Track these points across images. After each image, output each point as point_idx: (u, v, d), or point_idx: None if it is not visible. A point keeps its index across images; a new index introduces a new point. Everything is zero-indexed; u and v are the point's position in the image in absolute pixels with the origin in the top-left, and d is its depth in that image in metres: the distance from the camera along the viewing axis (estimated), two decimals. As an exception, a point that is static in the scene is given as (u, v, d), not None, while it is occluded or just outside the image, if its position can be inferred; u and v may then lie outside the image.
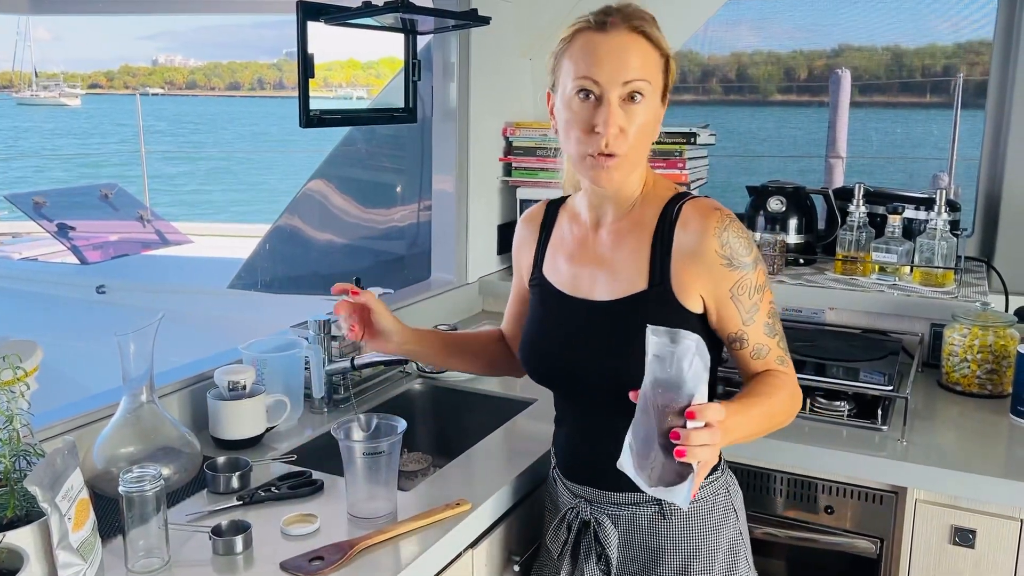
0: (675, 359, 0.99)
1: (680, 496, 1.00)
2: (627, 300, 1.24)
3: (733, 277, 1.20)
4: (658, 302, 1.22)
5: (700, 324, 1.24)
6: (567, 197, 1.40)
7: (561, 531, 1.35)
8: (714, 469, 1.32)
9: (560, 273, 1.33)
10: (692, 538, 1.28)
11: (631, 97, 1.17)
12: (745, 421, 1.15)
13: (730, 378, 1.66)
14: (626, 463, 1.02)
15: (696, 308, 1.23)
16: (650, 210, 1.26)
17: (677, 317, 1.22)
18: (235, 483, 1.40)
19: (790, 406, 1.25)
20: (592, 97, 1.18)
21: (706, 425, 0.98)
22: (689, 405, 0.99)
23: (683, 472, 1.00)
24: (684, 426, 0.98)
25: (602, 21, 1.18)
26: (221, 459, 1.45)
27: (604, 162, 1.19)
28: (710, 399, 1.04)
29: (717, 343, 1.28)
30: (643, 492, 1.17)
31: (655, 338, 1.00)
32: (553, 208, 1.40)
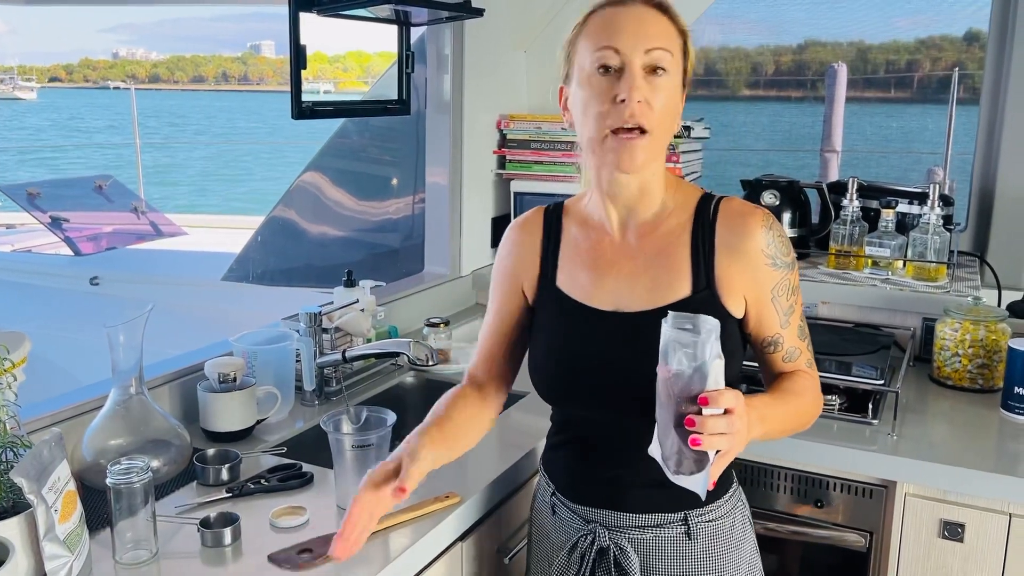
0: (697, 345, 0.95)
1: (699, 485, 0.98)
2: (668, 308, 1.09)
3: (775, 277, 1.16)
4: (704, 307, 1.12)
5: (739, 329, 1.19)
6: (562, 203, 1.29)
7: (572, 561, 1.23)
8: (732, 481, 1.26)
9: (580, 284, 1.21)
10: (716, 559, 1.21)
11: (654, 70, 1.10)
12: (778, 415, 1.13)
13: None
14: (655, 450, 1.00)
15: (739, 312, 1.17)
16: (680, 210, 1.19)
17: (723, 323, 1.08)
18: (224, 475, 1.40)
19: (814, 409, 1.21)
20: (613, 70, 1.10)
21: (725, 412, 0.95)
22: (703, 391, 0.95)
23: (701, 460, 0.97)
24: (699, 413, 0.95)
25: None
26: (211, 451, 1.45)
27: (628, 139, 1.09)
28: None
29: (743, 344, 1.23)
30: (668, 513, 1.18)
31: (674, 322, 0.97)
32: (553, 214, 1.28)
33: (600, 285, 1.20)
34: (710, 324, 0.96)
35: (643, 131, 1.09)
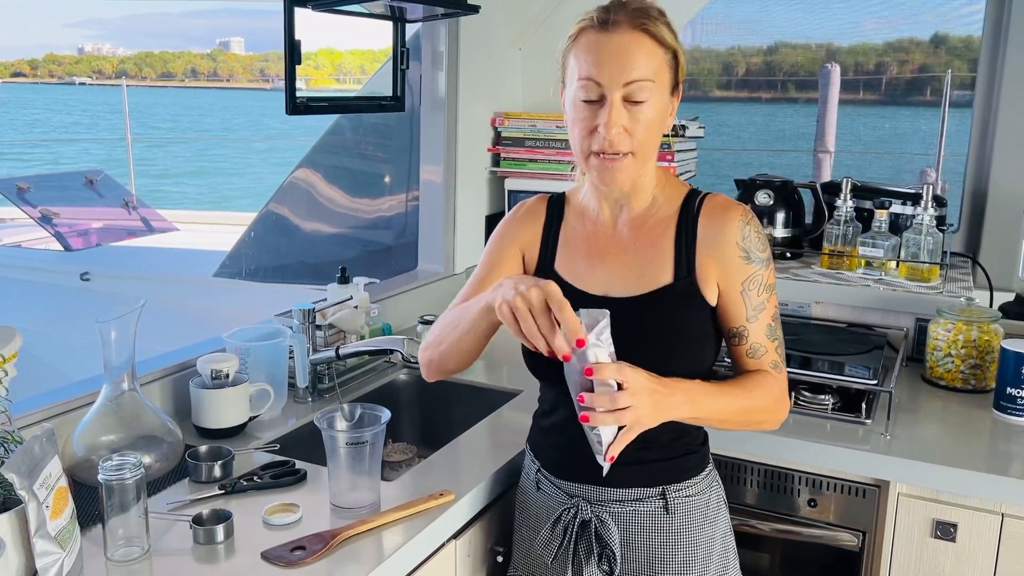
0: (593, 334, 1.04)
1: (599, 458, 1.09)
2: (652, 295, 1.24)
3: (747, 271, 1.22)
4: (682, 295, 1.23)
5: (712, 317, 1.25)
6: (564, 194, 1.36)
7: (556, 534, 1.29)
8: (708, 460, 1.33)
9: (575, 270, 1.29)
10: (692, 533, 1.28)
11: (634, 97, 1.16)
12: (716, 404, 1.19)
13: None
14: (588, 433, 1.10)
15: (713, 300, 1.24)
16: (668, 204, 1.27)
17: (699, 310, 1.24)
18: (217, 472, 1.39)
19: (772, 408, 1.26)
20: (595, 98, 1.17)
21: (620, 388, 1.05)
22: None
23: (603, 437, 1.07)
24: (591, 391, 1.05)
25: (605, 19, 1.16)
26: (203, 448, 1.44)
27: (608, 162, 1.18)
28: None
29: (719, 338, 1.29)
30: (647, 488, 1.26)
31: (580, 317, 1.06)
32: (556, 203, 1.36)
33: (592, 272, 1.28)
34: (605, 315, 1.05)
35: (626, 153, 1.18)
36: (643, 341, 1.21)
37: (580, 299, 1.24)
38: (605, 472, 1.12)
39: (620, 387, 1.06)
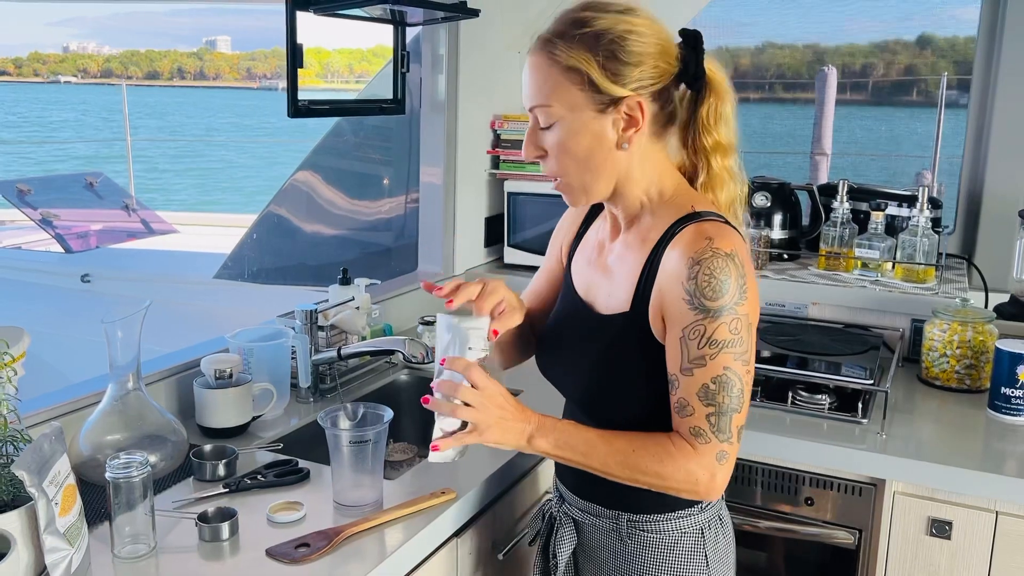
0: (450, 329, 1.11)
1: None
2: (612, 318, 1.17)
3: (689, 317, 1.07)
4: (632, 326, 1.14)
5: (662, 357, 1.13)
6: None
7: (538, 519, 1.37)
8: (685, 504, 1.20)
9: (580, 274, 1.28)
10: (651, 564, 1.21)
11: (541, 123, 1.13)
12: (584, 447, 1.11)
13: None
14: None
15: (662, 339, 1.13)
16: (658, 225, 1.15)
17: (646, 345, 1.14)
18: (221, 471, 1.41)
19: (666, 477, 1.09)
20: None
21: (474, 387, 1.08)
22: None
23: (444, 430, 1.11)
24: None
25: (534, 40, 1.14)
26: (207, 447, 1.45)
27: (554, 186, 1.18)
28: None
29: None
30: (604, 507, 1.24)
31: (443, 312, 1.13)
32: (597, 206, 1.30)
33: (589, 279, 1.26)
34: (479, 323, 1.13)
35: (556, 177, 1.17)
36: (589, 363, 1.19)
37: (575, 303, 1.26)
38: (431, 459, 1.12)
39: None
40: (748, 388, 1.10)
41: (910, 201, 2.27)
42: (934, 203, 2.22)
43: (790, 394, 1.77)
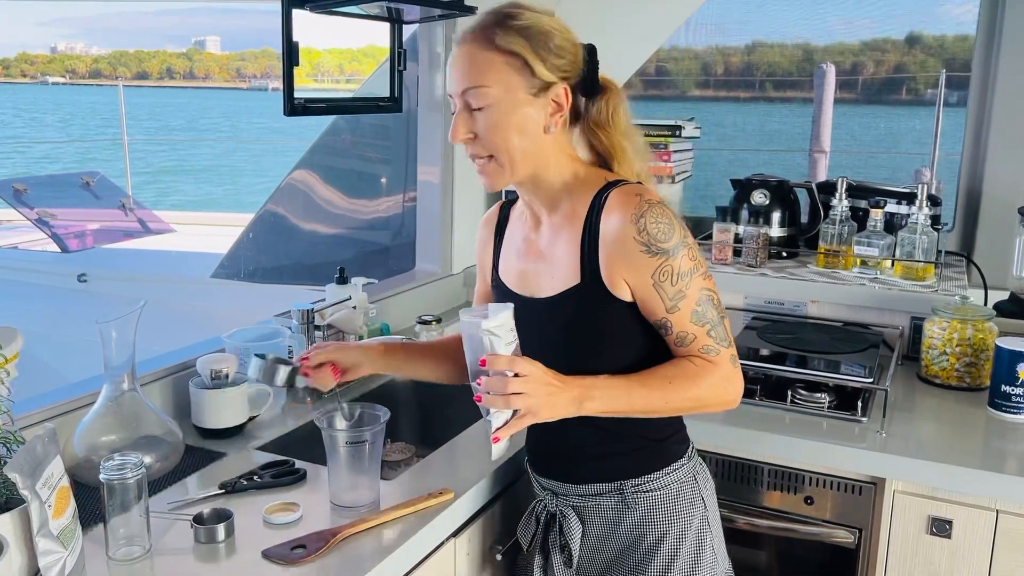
0: (480, 327, 1.12)
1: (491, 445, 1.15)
2: (564, 295, 1.25)
3: (653, 264, 1.18)
4: (591, 294, 1.23)
5: (632, 312, 1.23)
6: (516, 197, 1.39)
7: (530, 524, 1.39)
8: (677, 456, 1.32)
9: (511, 273, 1.35)
10: (656, 527, 1.29)
11: (472, 104, 1.20)
12: (629, 395, 1.19)
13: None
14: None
15: (626, 296, 1.22)
16: (581, 202, 1.25)
17: (611, 308, 1.22)
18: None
19: (706, 393, 1.22)
20: (453, 110, 1.23)
21: (517, 376, 1.11)
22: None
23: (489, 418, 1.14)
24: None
25: (461, 37, 1.22)
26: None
27: (478, 166, 1.25)
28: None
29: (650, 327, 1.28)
30: (604, 483, 1.30)
31: (465, 318, 1.14)
32: (506, 209, 1.43)
33: (522, 274, 1.33)
34: (502, 308, 1.14)
35: (485, 157, 1.23)
36: (562, 341, 1.26)
37: (515, 301, 1.27)
38: (492, 456, 1.17)
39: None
40: (718, 294, 1.25)
41: (909, 198, 2.26)
42: (933, 200, 2.21)
43: (789, 393, 1.76)
